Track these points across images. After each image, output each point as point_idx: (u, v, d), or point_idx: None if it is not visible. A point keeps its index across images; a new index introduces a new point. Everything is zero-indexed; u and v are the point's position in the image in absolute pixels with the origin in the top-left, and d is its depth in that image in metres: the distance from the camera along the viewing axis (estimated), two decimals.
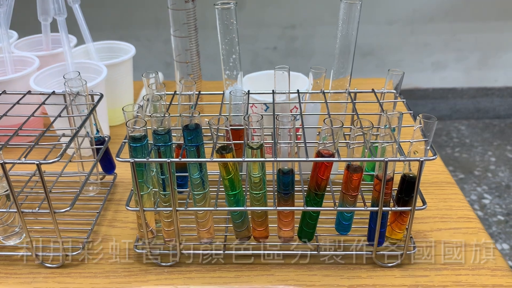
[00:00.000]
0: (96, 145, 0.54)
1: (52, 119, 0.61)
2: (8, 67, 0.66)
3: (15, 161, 0.42)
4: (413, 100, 2.21)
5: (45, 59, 0.68)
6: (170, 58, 2.15)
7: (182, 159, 0.42)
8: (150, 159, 0.42)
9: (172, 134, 0.45)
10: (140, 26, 2.04)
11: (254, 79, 0.63)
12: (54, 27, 0.68)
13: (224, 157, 0.42)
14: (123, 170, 0.61)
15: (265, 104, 0.55)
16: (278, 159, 0.41)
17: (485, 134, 2.20)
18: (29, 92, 0.53)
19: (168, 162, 0.41)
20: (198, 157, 0.43)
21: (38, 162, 0.41)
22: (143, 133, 0.42)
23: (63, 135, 0.57)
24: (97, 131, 0.54)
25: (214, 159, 0.42)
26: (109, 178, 0.59)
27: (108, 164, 0.57)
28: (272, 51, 2.20)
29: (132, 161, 0.41)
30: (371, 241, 0.47)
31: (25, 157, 0.41)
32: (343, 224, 0.47)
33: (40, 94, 0.54)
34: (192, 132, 0.42)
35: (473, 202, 1.77)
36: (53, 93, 0.53)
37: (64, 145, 0.60)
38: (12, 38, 0.75)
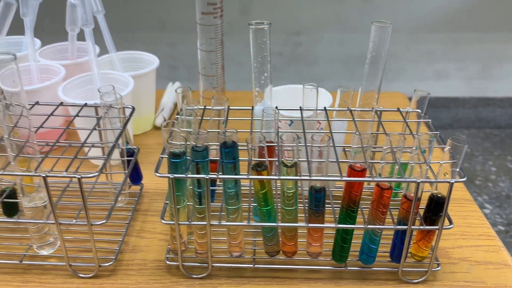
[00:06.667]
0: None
1: (79, 131, 0.62)
2: (34, 75, 0.67)
3: (57, 175, 0.43)
4: None
5: (70, 68, 0.69)
6: (174, 61, 2.17)
7: (220, 176, 0.43)
8: (189, 175, 0.43)
9: None
10: (145, 29, 2.04)
11: (274, 93, 0.64)
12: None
13: (261, 174, 0.43)
14: (148, 180, 0.62)
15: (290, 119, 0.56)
16: (312, 177, 0.43)
17: (486, 143, 2.22)
18: (61, 104, 0.54)
19: (207, 178, 0.43)
20: (234, 171, 0.44)
21: (80, 176, 0.42)
22: (183, 149, 0.43)
23: (93, 145, 0.58)
24: (127, 142, 0.55)
25: (251, 177, 0.43)
26: (135, 188, 0.60)
27: (135, 175, 0.58)
28: (276, 57, 2.21)
29: (172, 177, 0.42)
30: (393, 257, 0.48)
31: (66, 170, 0.42)
32: (371, 248, 0.47)
33: (72, 105, 0.55)
34: (230, 149, 0.43)
35: None
36: (85, 105, 0.54)
37: (92, 155, 0.62)
38: (36, 46, 0.75)
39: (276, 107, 0.54)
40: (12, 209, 0.53)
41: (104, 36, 0.70)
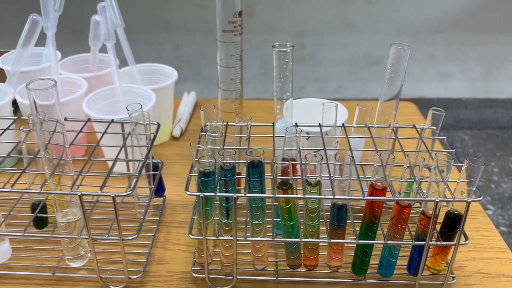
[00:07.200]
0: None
1: (103, 147, 0.64)
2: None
3: (92, 193, 0.45)
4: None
5: (91, 80, 0.71)
6: (179, 63, 2.18)
7: (248, 194, 0.45)
8: (218, 194, 0.45)
9: None
10: (151, 30, 2.06)
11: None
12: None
13: (286, 193, 0.45)
14: (170, 192, 0.64)
15: (307, 134, 0.58)
16: (336, 197, 0.45)
17: (488, 144, 2.25)
18: (89, 120, 0.56)
19: (235, 197, 0.45)
20: (260, 187, 0.46)
21: (114, 195, 0.44)
22: (212, 169, 0.45)
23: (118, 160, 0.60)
24: (152, 157, 0.57)
25: (277, 195, 0.45)
26: (158, 200, 0.62)
27: (159, 187, 0.60)
28: None
29: (202, 195, 0.44)
30: (410, 270, 0.50)
31: (101, 188, 0.44)
32: (390, 261, 0.49)
33: (100, 122, 0.57)
34: (257, 168, 0.45)
35: None
36: (112, 121, 0.56)
37: (116, 169, 0.63)
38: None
39: (296, 124, 0.56)
40: (42, 222, 0.55)
41: (123, 48, 0.72)
